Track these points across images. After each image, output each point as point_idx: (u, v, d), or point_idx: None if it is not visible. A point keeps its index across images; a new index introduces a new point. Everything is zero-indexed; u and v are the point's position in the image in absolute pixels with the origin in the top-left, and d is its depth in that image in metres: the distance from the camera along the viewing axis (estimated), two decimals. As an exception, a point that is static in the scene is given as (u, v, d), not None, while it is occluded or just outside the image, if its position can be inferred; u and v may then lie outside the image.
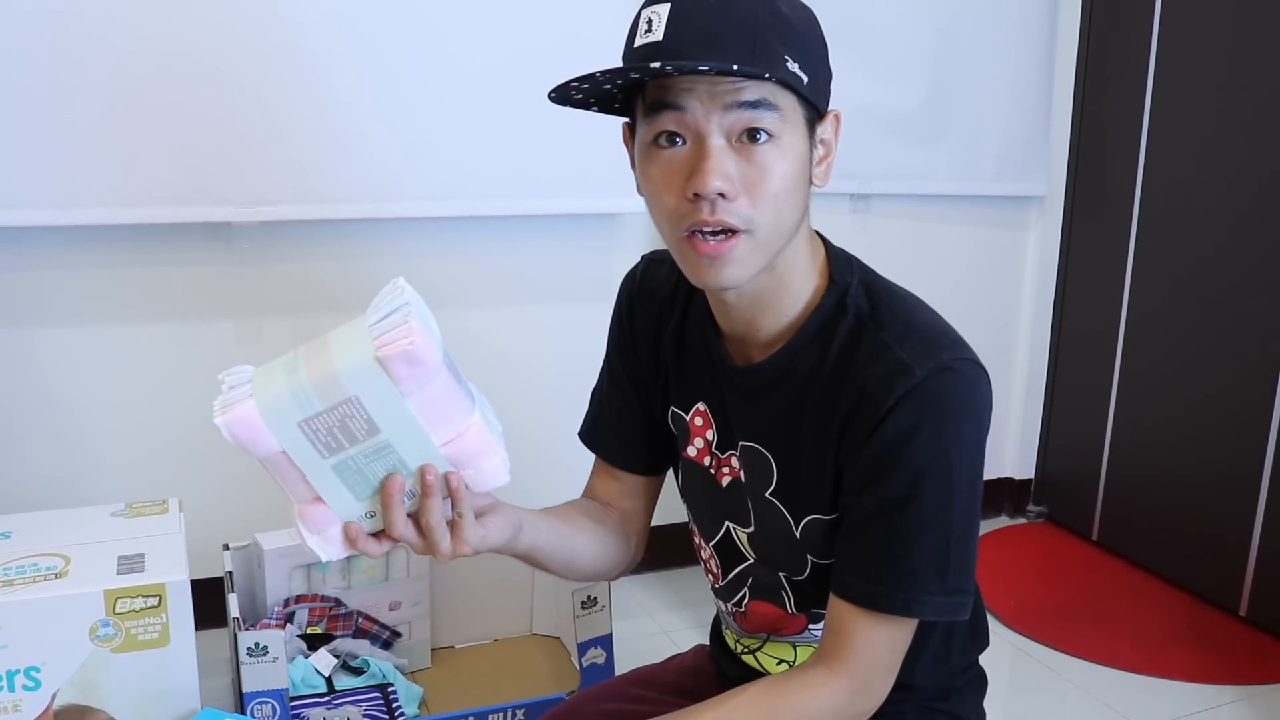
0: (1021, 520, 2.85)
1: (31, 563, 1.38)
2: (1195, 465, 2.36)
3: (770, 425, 0.92)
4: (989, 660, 1.07)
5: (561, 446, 1.28)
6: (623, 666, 1.75)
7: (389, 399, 0.72)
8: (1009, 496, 2.87)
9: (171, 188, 1.85)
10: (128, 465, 2.00)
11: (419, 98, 1.98)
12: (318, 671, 1.76)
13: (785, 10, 0.79)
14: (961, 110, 2.46)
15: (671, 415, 1.03)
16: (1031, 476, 2.87)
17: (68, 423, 1.96)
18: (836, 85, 0.87)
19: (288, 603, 1.81)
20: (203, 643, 1.44)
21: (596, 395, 1.11)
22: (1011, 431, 2.85)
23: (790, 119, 0.80)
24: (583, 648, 1.80)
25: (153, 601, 1.35)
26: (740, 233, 0.80)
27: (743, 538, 1.00)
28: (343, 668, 1.81)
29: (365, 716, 1.71)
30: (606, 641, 1.82)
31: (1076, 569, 2.56)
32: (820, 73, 0.83)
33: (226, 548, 1.81)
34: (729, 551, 1.02)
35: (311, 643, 1.80)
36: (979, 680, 1.07)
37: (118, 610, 1.33)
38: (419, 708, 1.82)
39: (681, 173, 0.80)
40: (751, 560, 1.00)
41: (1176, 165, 2.37)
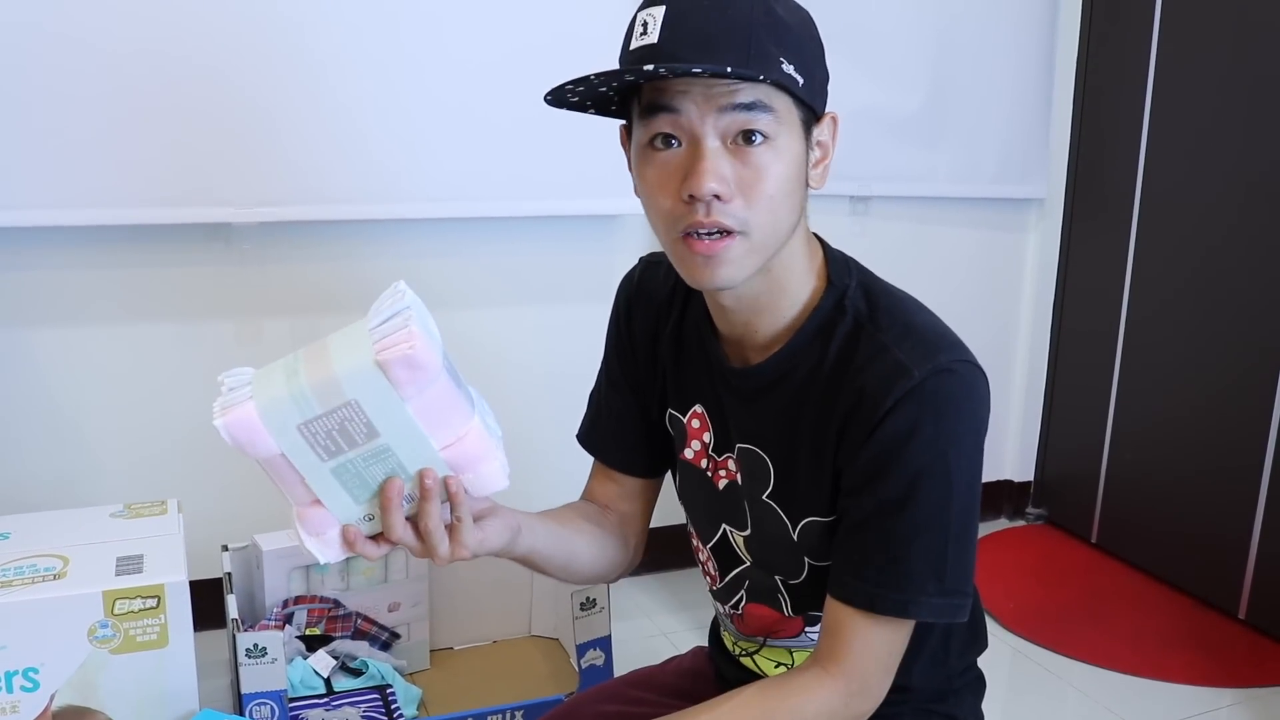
0: (1021, 522, 2.85)
1: (30, 564, 1.38)
2: (1195, 467, 2.36)
3: (768, 427, 0.92)
4: (988, 662, 1.07)
5: (560, 448, 1.28)
6: (621, 668, 1.75)
7: (388, 403, 0.72)
8: (1008, 499, 2.86)
9: (171, 188, 1.85)
10: (127, 466, 2.00)
11: (419, 99, 1.98)
12: (316, 673, 1.76)
13: (781, 12, 0.79)
14: (961, 112, 2.46)
15: (669, 417, 1.03)
16: (1031, 479, 2.87)
17: (67, 423, 1.96)
18: (836, 87, 0.87)
19: (286, 604, 1.81)
20: (201, 644, 1.44)
21: (594, 397, 1.10)
22: (1011, 433, 2.85)
23: (786, 121, 0.80)
24: (581, 649, 1.80)
25: (151, 603, 1.35)
26: (735, 233, 0.80)
27: (739, 540, 1.00)
28: (341, 669, 1.81)
29: (364, 718, 1.70)
30: (605, 643, 1.82)
31: (1076, 571, 2.56)
32: (816, 75, 0.83)
33: (225, 549, 1.81)
34: (726, 554, 1.02)
35: (310, 644, 1.80)
36: (977, 682, 1.07)
37: (116, 611, 1.33)
38: (418, 709, 1.82)
39: (677, 175, 0.80)
40: (748, 563, 1.00)
41: (1176, 168, 2.37)
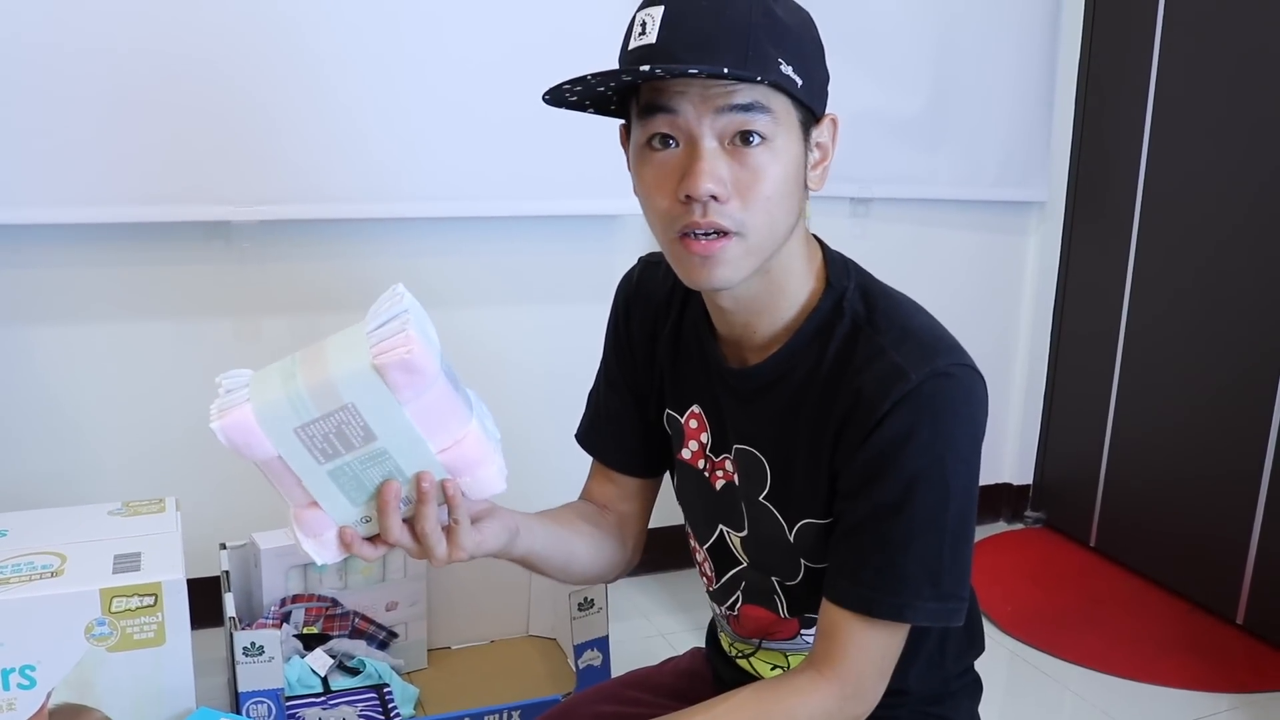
0: (1019, 526, 2.85)
1: (27, 561, 1.38)
2: (1194, 472, 2.36)
3: (765, 429, 0.92)
4: (985, 665, 1.07)
5: (559, 448, 1.28)
6: (619, 669, 1.75)
7: (386, 407, 0.72)
8: (1007, 502, 2.86)
9: (170, 186, 1.85)
10: (125, 464, 2.00)
11: (418, 98, 1.98)
12: (314, 671, 1.76)
13: (780, 13, 0.79)
14: (962, 115, 2.46)
15: (666, 417, 1.03)
16: (1030, 482, 2.86)
17: (65, 421, 1.96)
18: (837, 89, 0.87)
19: (284, 602, 1.81)
20: (198, 642, 1.44)
21: (593, 397, 1.10)
22: (1010, 437, 2.85)
23: (784, 122, 0.80)
24: (579, 649, 1.80)
25: (148, 600, 1.35)
26: (732, 234, 0.80)
27: (736, 541, 1.00)
28: (339, 668, 1.80)
29: (361, 717, 1.70)
30: (603, 643, 1.82)
31: (1074, 575, 2.56)
32: (815, 76, 0.82)
33: (223, 547, 1.81)
34: (722, 555, 1.02)
35: (308, 643, 1.80)
36: (974, 685, 1.07)
37: (113, 609, 1.33)
38: (415, 708, 1.82)
39: (674, 175, 0.80)
40: (744, 564, 1.00)
41: (1178, 171, 2.37)
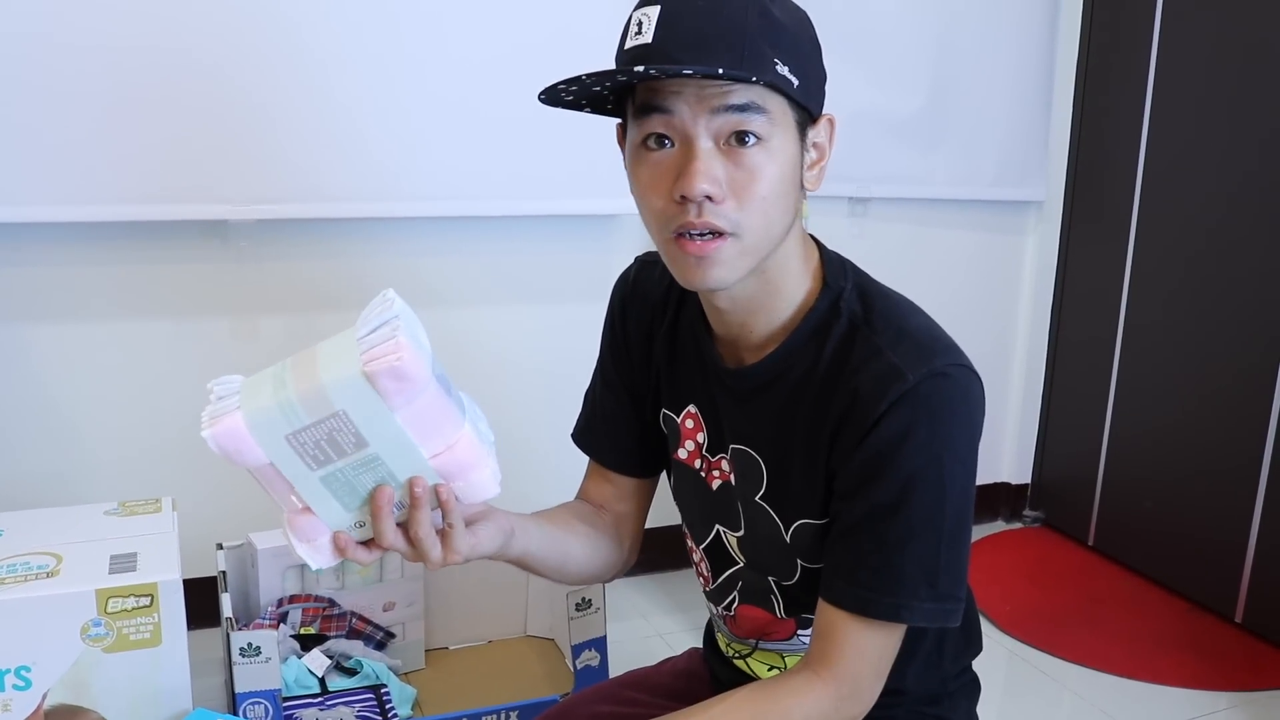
0: (1018, 525, 2.85)
1: (23, 561, 1.37)
2: (1192, 471, 2.36)
3: (761, 429, 0.92)
4: (983, 665, 1.07)
5: (556, 447, 1.27)
6: (617, 669, 1.75)
7: (376, 413, 0.72)
8: (1005, 501, 2.86)
9: (168, 185, 1.85)
10: (121, 463, 2.00)
11: (417, 97, 1.97)
12: (311, 672, 1.75)
13: (776, 13, 0.79)
14: (961, 114, 2.46)
15: (663, 417, 1.03)
16: (1028, 481, 2.86)
17: (61, 420, 1.95)
18: (834, 88, 0.87)
19: (281, 603, 1.80)
20: (195, 643, 1.43)
21: (589, 397, 1.10)
22: (1008, 436, 2.85)
23: (780, 122, 0.80)
24: (577, 650, 1.80)
25: (145, 601, 1.34)
26: (727, 235, 0.80)
27: (732, 541, 1.00)
28: (336, 668, 1.80)
29: (358, 717, 1.70)
30: (601, 644, 1.82)
31: (1072, 574, 2.56)
32: (812, 76, 0.82)
33: (220, 547, 1.80)
34: (719, 555, 1.02)
35: (305, 643, 1.80)
36: (972, 685, 1.07)
37: (109, 610, 1.33)
38: (412, 709, 1.82)
39: (669, 175, 0.80)
40: (741, 564, 1.00)
41: (1176, 171, 2.37)
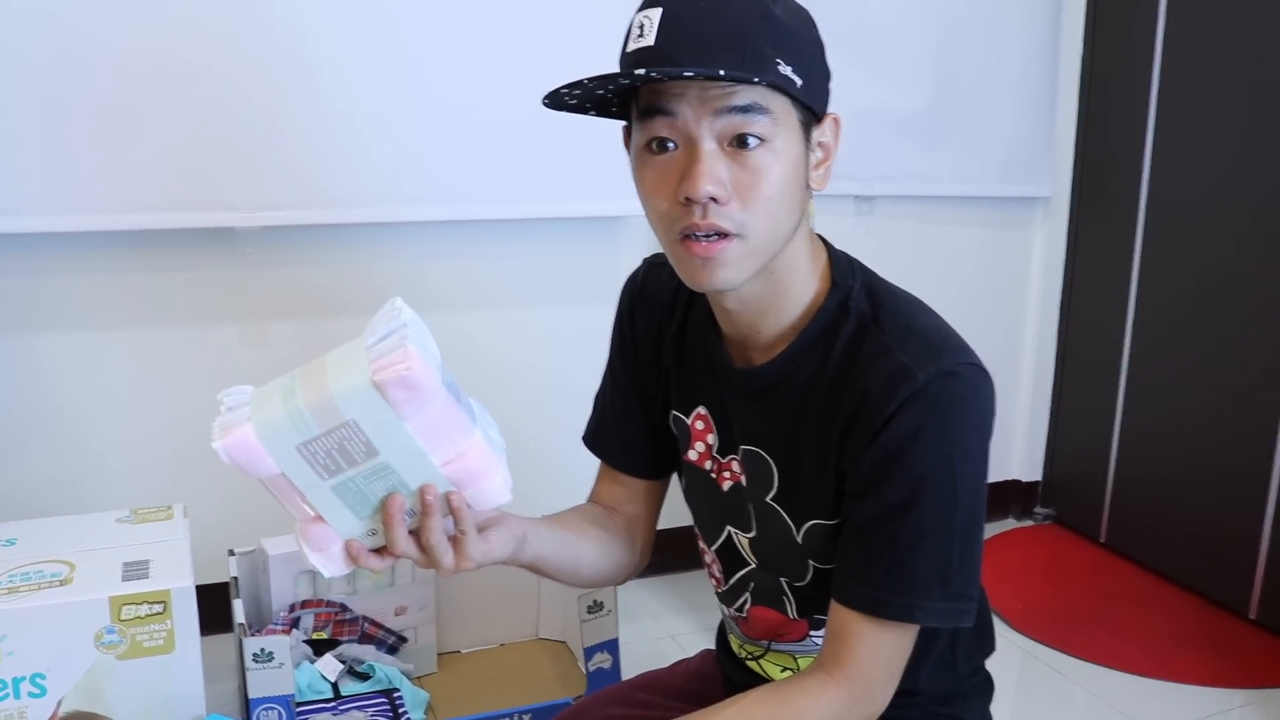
0: (1029, 523, 2.84)
1: (36, 569, 1.38)
2: (1203, 466, 2.35)
3: (771, 429, 0.92)
4: (996, 663, 1.07)
5: (565, 450, 1.28)
6: (629, 671, 1.74)
7: (387, 422, 0.72)
8: (1016, 499, 2.85)
9: (175, 193, 1.85)
10: (132, 471, 2.00)
11: (421, 102, 1.98)
12: (323, 677, 1.76)
13: (778, 13, 0.79)
14: (966, 111, 2.46)
15: (672, 419, 1.03)
16: (1039, 479, 2.85)
17: (72, 429, 1.96)
18: (839, 87, 0.87)
19: (293, 608, 1.81)
20: (208, 649, 1.44)
21: (599, 399, 1.10)
22: (1018, 433, 2.84)
23: (784, 123, 0.80)
24: (589, 652, 1.80)
25: (158, 608, 1.35)
26: (732, 236, 0.80)
27: (744, 542, 1.00)
28: (349, 673, 1.80)
29: (371, 722, 1.70)
30: (613, 646, 1.82)
31: (1084, 571, 2.55)
32: (815, 75, 0.82)
33: (232, 553, 1.81)
34: (731, 556, 1.02)
35: (317, 648, 1.80)
36: (985, 685, 1.06)
37: (123, 617, 1.33)
38: (425, 713, 1.82)
39: (674, 177, 0.80)
40: (753, 565, 1.00)
41: (1182, 165, 2.36)
